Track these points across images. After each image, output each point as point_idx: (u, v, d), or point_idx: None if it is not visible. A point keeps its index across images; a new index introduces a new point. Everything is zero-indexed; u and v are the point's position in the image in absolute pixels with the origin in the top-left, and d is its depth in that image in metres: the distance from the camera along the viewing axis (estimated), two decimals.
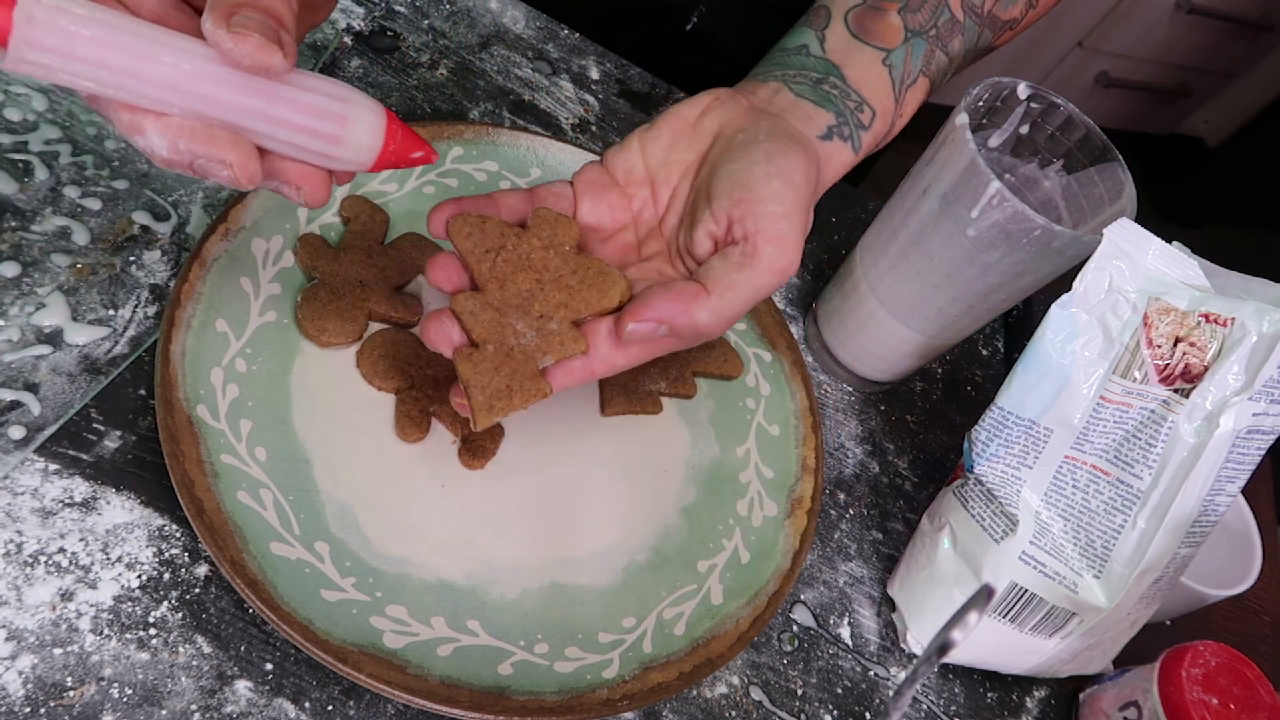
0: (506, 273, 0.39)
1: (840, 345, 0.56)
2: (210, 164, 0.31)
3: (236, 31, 0.28)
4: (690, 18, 0.70)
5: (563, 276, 0.39)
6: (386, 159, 0.34)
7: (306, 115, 0.32)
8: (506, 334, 0.38)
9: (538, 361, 0.38)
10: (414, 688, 0.37)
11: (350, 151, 0.33)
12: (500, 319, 0.38)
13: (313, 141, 0.32)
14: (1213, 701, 0.45)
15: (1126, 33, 1.88)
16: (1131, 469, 0.42)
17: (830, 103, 0.43)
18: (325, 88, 0.32)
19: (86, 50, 0.28)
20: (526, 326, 0.38)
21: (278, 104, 0.31)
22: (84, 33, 0.28)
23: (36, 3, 0.28)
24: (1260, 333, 0.40)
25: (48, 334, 0.41)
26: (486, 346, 0.37)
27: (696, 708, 0.44)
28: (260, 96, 0.31)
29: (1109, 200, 0.48)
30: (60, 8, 0.28)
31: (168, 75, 0.29)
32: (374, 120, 0.33)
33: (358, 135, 0.33)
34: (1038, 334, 0.43)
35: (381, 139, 0.33)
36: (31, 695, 0.34)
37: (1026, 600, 0.44)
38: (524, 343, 0.38)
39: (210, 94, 0.30)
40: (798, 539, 0.48)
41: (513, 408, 0.37)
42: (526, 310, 0.38)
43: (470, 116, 0.58)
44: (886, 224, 0.52)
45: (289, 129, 0.32)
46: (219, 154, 0.30)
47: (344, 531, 0.40)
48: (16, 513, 0.37)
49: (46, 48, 0.28)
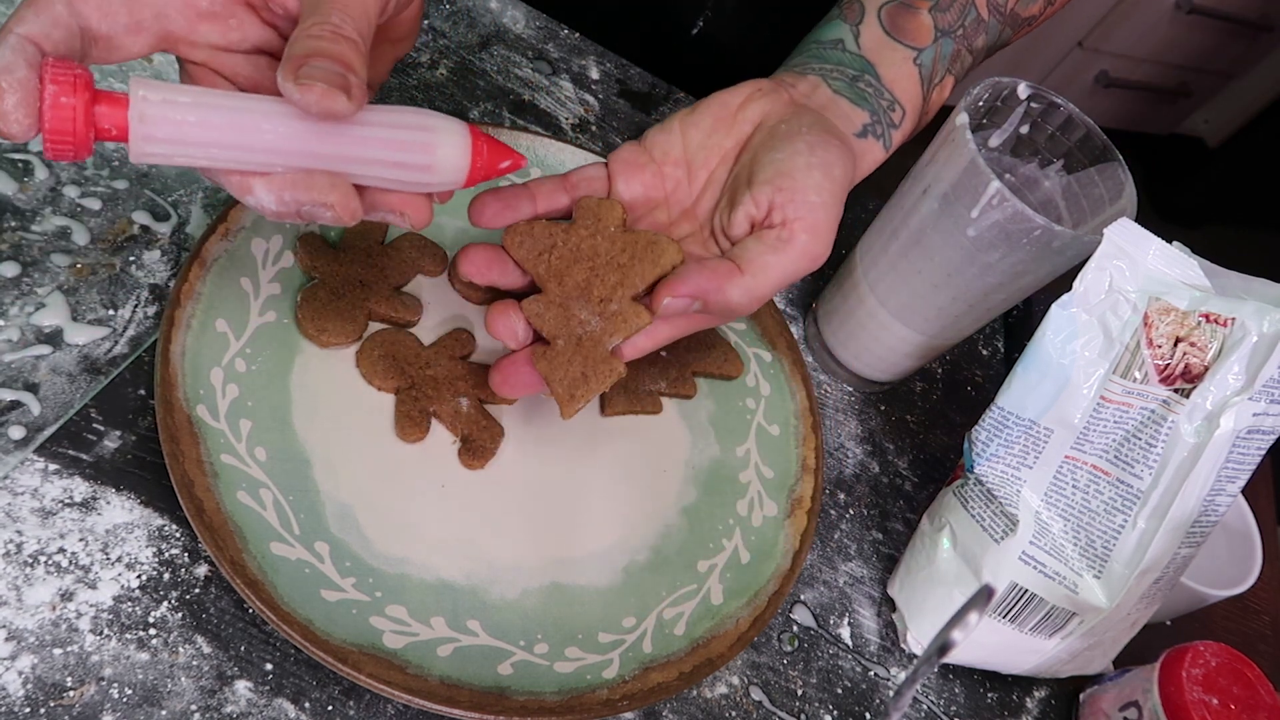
0: (562, 268, 0.41)
1: (840, 345, 0.56)
2: (315, 209, 0.33)
3: (303, 83, 0.30)
4: (696, 21, 0.70)
5: (614, 257, 0.41)
6: (477, 174, 0.36)
7: (396, 151, 0.34)
8: (573, 325, 0.40)
9: (606, 344, 0.40)
10: (414, 688, 0.37)
11: (442, 176, 0.35)
12: (564, 313, 0.40)
13: (406, 174, 0.34)
14: (1213, 702, 0.45)
15: (1126, 33, 1.88)
16: (1132, 469, 0.42)
17: (865, 101, 0.45)
18: (409, 119, 0.34)
19: (195, 134, 0.31)
20: (590, 314, 0.40)
21: (366, 146, 0.33)
22: (190, 119, 0.31)
23: (147, 100, 0.30)
24: (1260, 333, 0.40)
25: (47, 334, 0.41)
26: (558, 341, 0.40)
27: (696, 708, 0.44)
28: (349, 143, 0.33)
29: (1109, 200, 0.48)
30: (167, 100, 0.31)
31: (268, 141, 0.32)
32: (460, 142, 0.35)
33: (446, 160, 0.35)
34: (1038, 334, 0.43)
35: (469, 158, 0.35)
36: (31, 695, 0.34)
37: (1026, 600, 0.44)
38: (590, 329, 0.40)
39: (306, 149, 0.32)
40: (798, 539, 0.48)
41: (592, 392, 0.39)
42: (587, 298, 0.40)
43: (470, 116, 0.58)
44: (886, 224, 0.52)
45: (382, 166, 0.34)
46: (321, 199, 0.33)
47: (344, 531, 0.40)
48: (16, 513, 0.37)
49: (160, 139, 0.31)
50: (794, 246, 0.39)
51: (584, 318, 0.40)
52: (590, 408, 0.48)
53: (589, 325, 0.40)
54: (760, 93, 0.43)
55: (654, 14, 0.70)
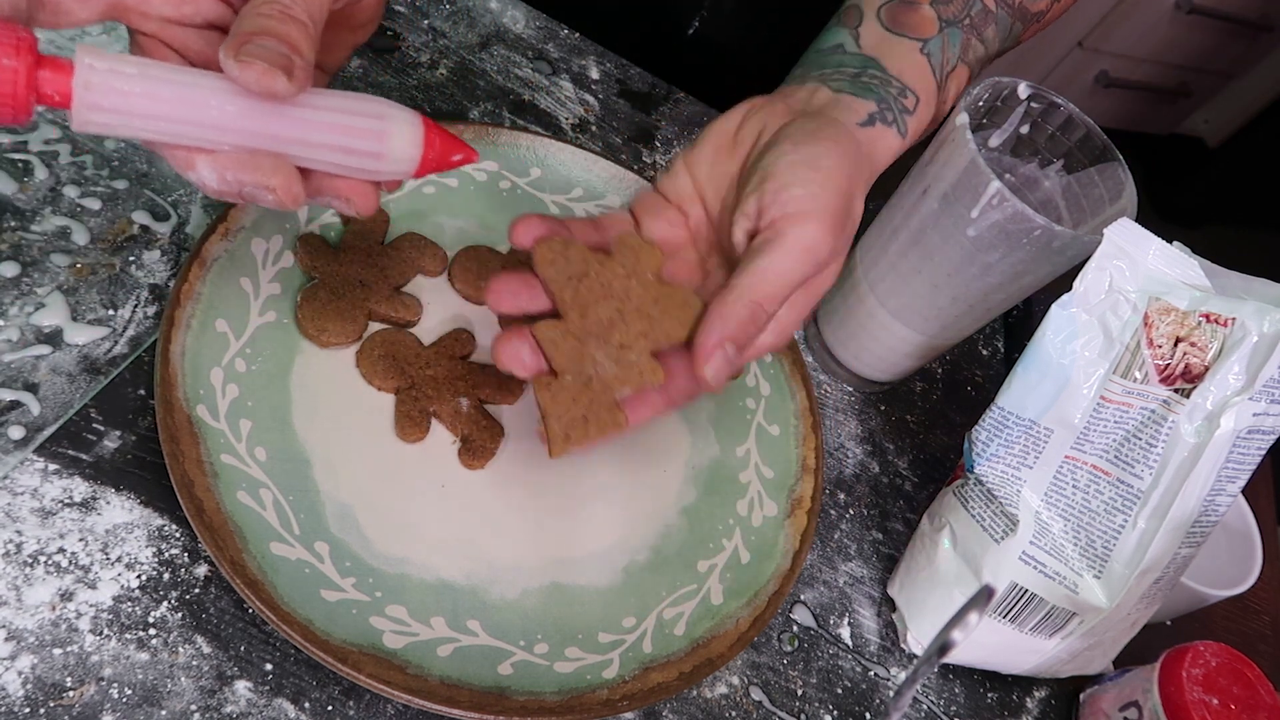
0: (589, 300, 0.39)
1: (840, 345, 0.56)
2: (256, 190, 0.33)
3: (242, 60, 0.30)
4: (692, 21, 0.70)
5: (644, 305, 0.39)
6: (428, 165, 0.35)
7: (346, 136, 0.33)
8: (585, 363, 0.38)
9: (615, 392, 0.38)
10: (414, 688, 0.37)
11: (392, 165, 0.35)
12: (580, 348, 0.38)
13: (356, 160, 0.34)
14: (1213, 702, 0.45)
15: (1126, 33, 1.88)
16: (1132, 469, 0.42)
17: (870, 91, 0.43)
18: (362, 107, 0.34)
19: (140, 106, 0.31)
20: (606, 356, 0.38)
21: (316, 130, 0.33)
22: (135, 90, 0.30)
23: (93, 69, 0.30)
24: (1261, 333, 0.40)
25: (47, 334, 0.41)
26: (565, 376, 0.38)
27: (696, 708, 0.44)
28: (297, 125, 0.33)
29: (1109, 200, 0.48)
30: (114, 70, 0.30)
31: (213, 118, 0.31)
32: (412, 133, 0.35)
33: (397, 149, 0.34)
34: (1038, 334, 0.43)
35: (420, 149, 0.35)
36: (31, 695, 0.34)
37: (1027, 600, 0.44)
38: (602, 373, 0.38)
39: (252, 129, 0.32)
40: (798, 539, 0.48)
41: (588, 439, 0.37)
42: (607, 339, 0.38)
43: (470, 116, 0.58)
44: (886, 224, 0.52)
45: (331, 151, 0.34)
46: (264, 180, 0.32)
47: (344, 531, 0.40)
48: (16, 513, 0.37)
49: (105, 109, 0.30)
50: (783, 243, 0.37)
51: (599, 359, 0.38)
52: None
53: (602, 368, 0.38)
54: (755, 109, 0.42)
55: (650, 14, 0.70)
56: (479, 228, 0.51)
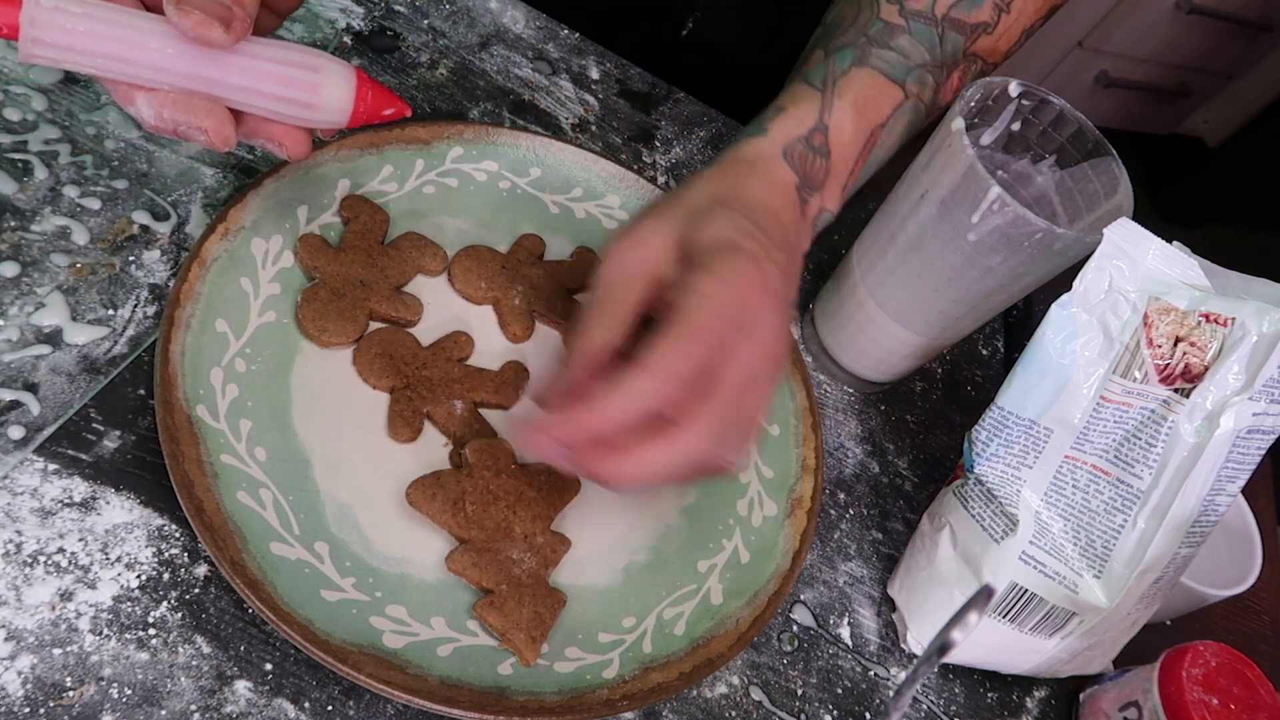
0: (479, 513, 0.42)
1: (840, 348, 0.56)
2: (190, 130, 0.35)
3: (182, 8, 0.32)
4: (687, 21, 0.70)
5: (524, 492, 0.43)
6: (359, 117, 0.38)
7: (281, 85, 0.36)
8: (510, 569, 0.41)
9: (546, 580, 0.42)
10: (414, 688, 0.37)
11: (325, 114, 0.37)
12: (496, 558, 0.41)
13: (290, 108, 0.36)
14: (1213, 702, 0.45)
15: (1126, 33, 1.88)
16: (1132, 469, 0.42)
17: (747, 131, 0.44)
18: (298, 58, 0.36)
19: (83, 43, 0.33)
20: (520, 552, 0.42)
21: (250, 77, 0.35)
22: (79, 28, 0.32)
23: (38, 4, 0.32)
24: (1260, 332, 0.40)
25: (47, 334, 0.41)
26: (500, 588, 0.40)
27: (696, 708, 0.44)
28: (233, 71, 0.35)
29: (1104, 195, 0.48)
30: (59, 8, 0.32)
31: (153, 59, 0.34)
32: (345, 84, 0.37)
33: (330, 99, 0.37)
34: (1038, 334, 0.43)
35: (353, 100, 0.37)
36: (31, 695, 0.34)
37: (1026, 600, 0.44)
38: (526, 570, 0.41)
39: (189, 71, 0.34)
40: (798, 539, 0.48)
41: (549, 628, 0.40)
42: (512, 537, 0.42)
43: (470, 116, 0.58)
44: (884, 228, 0.52)
45: (266, 98, 0.36)
46: (196, 121, 0.35)
47: (344, 531, 0.40)
48: (16, 513, 0.37)
49: (49, 44, 0.32)
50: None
51: (516, 557, 0.41)
52: None
53: (524, 565, 0.41)
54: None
55: (645, 14, 0.70)
56: (479, 227, 0.51)
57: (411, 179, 0.51)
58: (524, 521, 0.42)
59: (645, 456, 0.34)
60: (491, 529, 0.41)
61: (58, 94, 0.47)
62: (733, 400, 0.35)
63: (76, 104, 0.47)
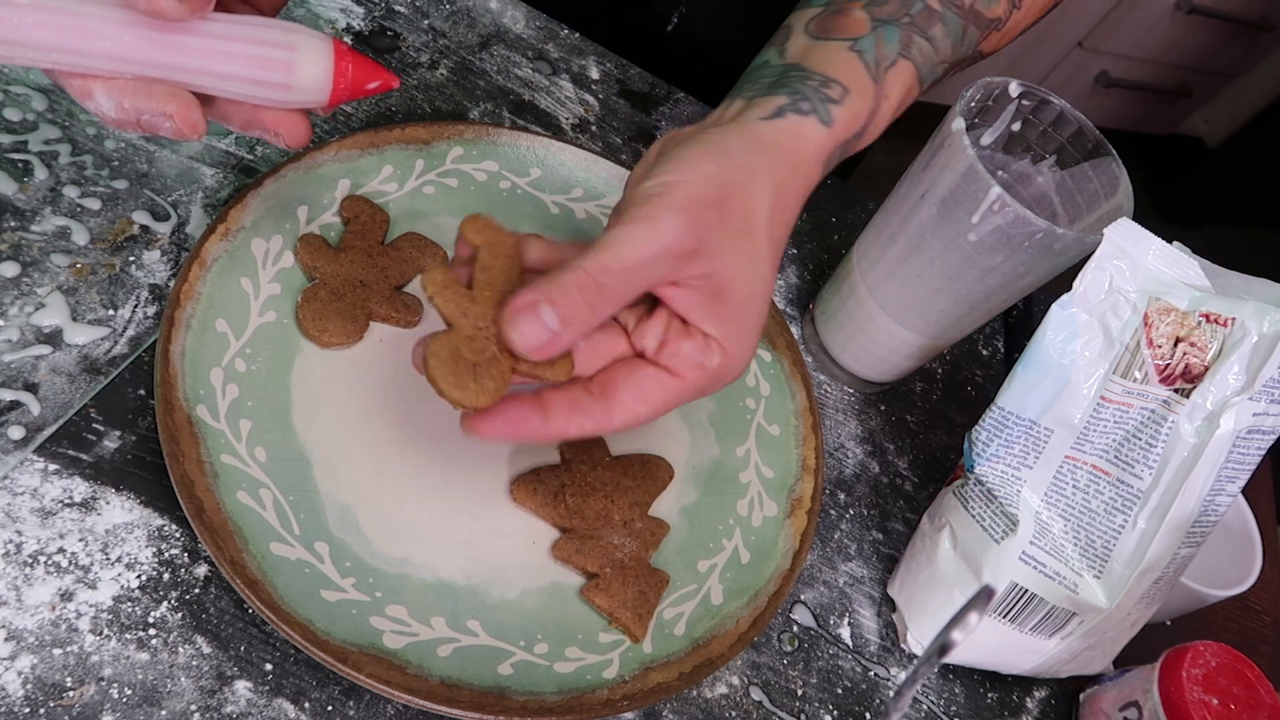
0: (579, 504, 0.44)
1: (840, 348, 0.56)
2: (154, 118, 0.32)
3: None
4: (672, 16, 0.70)
5: (620, 482, 0.45)
6: (341, 94, 0.35)
7: (252, 67, 0.33)
8: (612, 553, 0.43)
9: (648, 562, 0.44)
10: (414, 688, 0.37)
11: (302, 95, 0.34)
12: (598, 544, 0.43)
13: (263, 90, 0.33)
14: (1213, 702, 0.45)
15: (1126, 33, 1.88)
16: (1132, 469, 0.42)
17: (782, 87, 0.41)
18: (269, 35, 0.33)
19: (34, 36, 0.30)
20: (622, 538, 0.43)
21: (216, 60, 0.32)
22: (29, 20, 0.30)
23: None
24: (1261, 333, 0.40)
25: (47, 334, 0.41)
26: (605, 571, 0.42)
27: (696, 708, 0.44)
28: (197, 55, 0.32)
29: (1105, 195, 0.48)
30: (6, 1, 0.30)
31: (109, 48, 0.31)
32: (322, 60, 0.34)
33: (306, 78, 0.34)
34: (1038, 334, 0.43)
35: (332, 77, 0.34)
36: (31, 695, 0.34)
37: (1027, 600, 0.44)
38: (628, 553, 0.43)
39: (149, 58, 0.32)
40: (798, 539, 0.48)
41: (654, 606, 0.42)
42: (612, 524, 0.44)
43: (470, 116, 0.58)
44: (884, 228, 0.52)
45: (235, 81, 0.33)
46: (159, 107, 0.32)
47: (344, 531, 0.40)
48: (16, 513, 0.37)
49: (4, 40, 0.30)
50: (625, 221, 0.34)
51: (618, 543, 0.43)
52: None
53: (625, 549, 0.43)
54: (669, 139, 0.39)
55: (631, 9, 0.70)
56: None
57: (411, 179, 0.51)
58: (623, 509, 0.44)
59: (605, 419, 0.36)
60: (592, 518, 0.43)
61: (58, 94, 0.47)
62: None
63: (76, 104, 0.47)
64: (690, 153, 0.36)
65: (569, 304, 0.34)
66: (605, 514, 0.44)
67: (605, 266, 0.34)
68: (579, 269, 0.34)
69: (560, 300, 0.34)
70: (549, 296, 0.34)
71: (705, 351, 0.37)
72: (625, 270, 0.34)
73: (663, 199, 0.35)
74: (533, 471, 0.44)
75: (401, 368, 0.45)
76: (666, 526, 0.45)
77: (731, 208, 0.36)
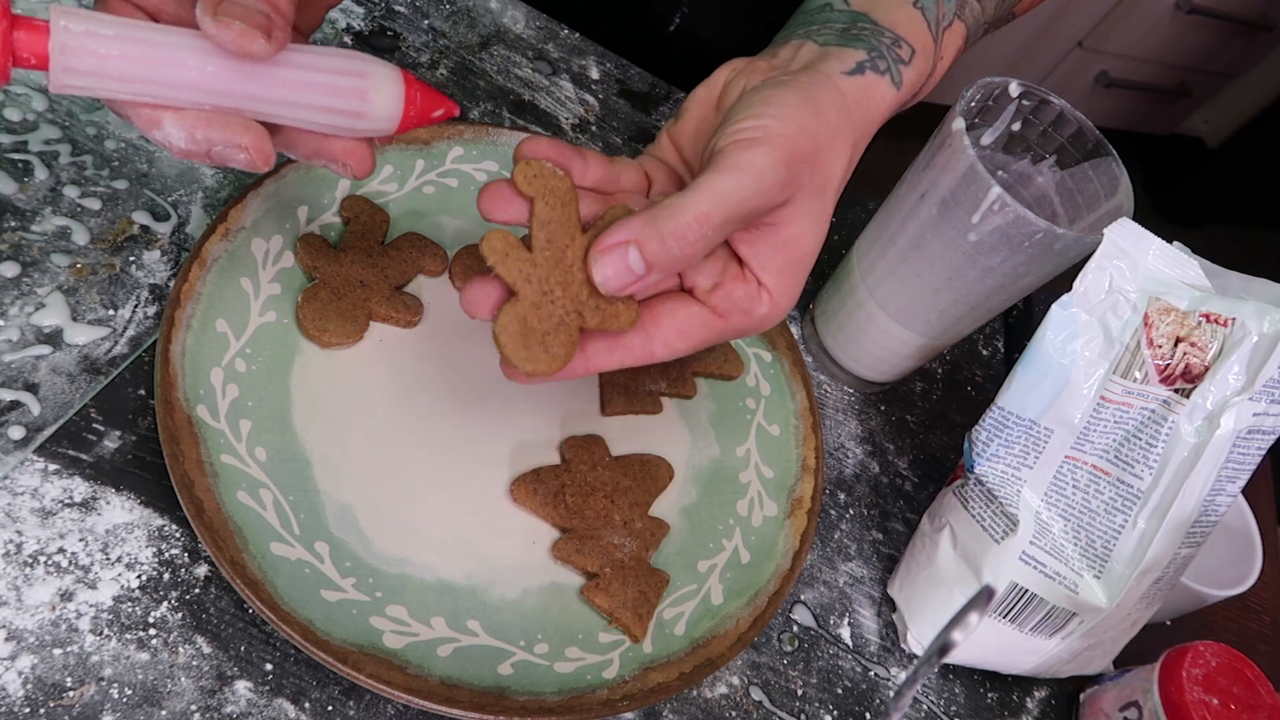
0: (579, 504, 0.44)
1: (840, 348, 0.56)
2: (227, 149, 0.32)
3: (220, 20, 0.29)
4: (674, 17, 0.70)
5: (620, 482, 0.45)
6: (410, 122, 0.35)
7: (328, 95, 0.33)
8: (612, 553, 0.43)
9: (648, 562, 0.44)
10: (414, 688, 0.37)
11: (374, 123, 0.34)
12: (599, 544, 0.43)
13: (337, 119, 0.34)
14: (1213, 702, 0.45)
15: (1126, 33, 1.88)
16: (1132, 469, 0.42)
17: (860, 41, 0.40)
18: (343, 64, 0.33)
19: (117, 67, 0.30)
20: (622, 538, 0.44)
21: (296, 89, 0.33)
22: (113, 52, 0.30)
23: (69, 31, 0.29)
24: (1261, 333, 0.40)
25: (47, 334, 0.41)
26: (605, 571, 0.43)
27: (696, 708, 0.44)
28: (277, 85, 0.32)
29: (1105, 195, 0.48)
30: (90, 31, 0.30)
31: (192, 79, 0.31)
32: (394, 89, 0.34)
33: (379, 107, 0.34)
34: (1038, 334, 0.43)
35: (402, 105, 0.35)
36: (31, 695, 0.34)
37: (1027, 600, 0.44)
38: (628, 553, 0.43)
39: (231, 89, 0.32)
40: (798, 539, 0.48)
41: (654, 606, 0.43)
42: (612, 524, 0.44)
43: (470, 116, 0.58)
44: (884, 228, 0.52)
45: (312, 110, 0.33)
46: (235, 139, 0.32)
47: (344, 531, 0.40)
48: (16, 513, 0.37)
49: (82, 71, 0.30)
50: (722, 163, 0.34)
51: (618, 542, 0.43)
52: (591, 408, 0.48)
53: (624, 550, 0.43)
54: (736, 71, 0.40)
55: (632, 9, 0.70)
56: (479, 227, 0.51)
57: (411, 179, 0.51)
58: (623, 509, 0.44)
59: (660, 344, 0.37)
60: (592, 518, 0.44)
61: (58, 94, 0.47)
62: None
63: (76, 104, 0.47)
64: (785, 98, 0.36)
65: (659, 250, 0.33)
66: (605, 514, 0.44)
67: (706, 216, 0.33)
68: (677, 215, 0.33)
69: (649, 245, 0.33)
70: (639, 239, 0.33)
71: (755, 299, 0.37)
72: (725, 220, 0.34)
73: (766, 147, 0.34)
74: (533, 472, 0.45)
75: (402, 368, 0.45)
76: (666, 526, 0.45)
77: (817, 165, 0.36)
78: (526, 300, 0.34)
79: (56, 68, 0.30)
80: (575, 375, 0.36)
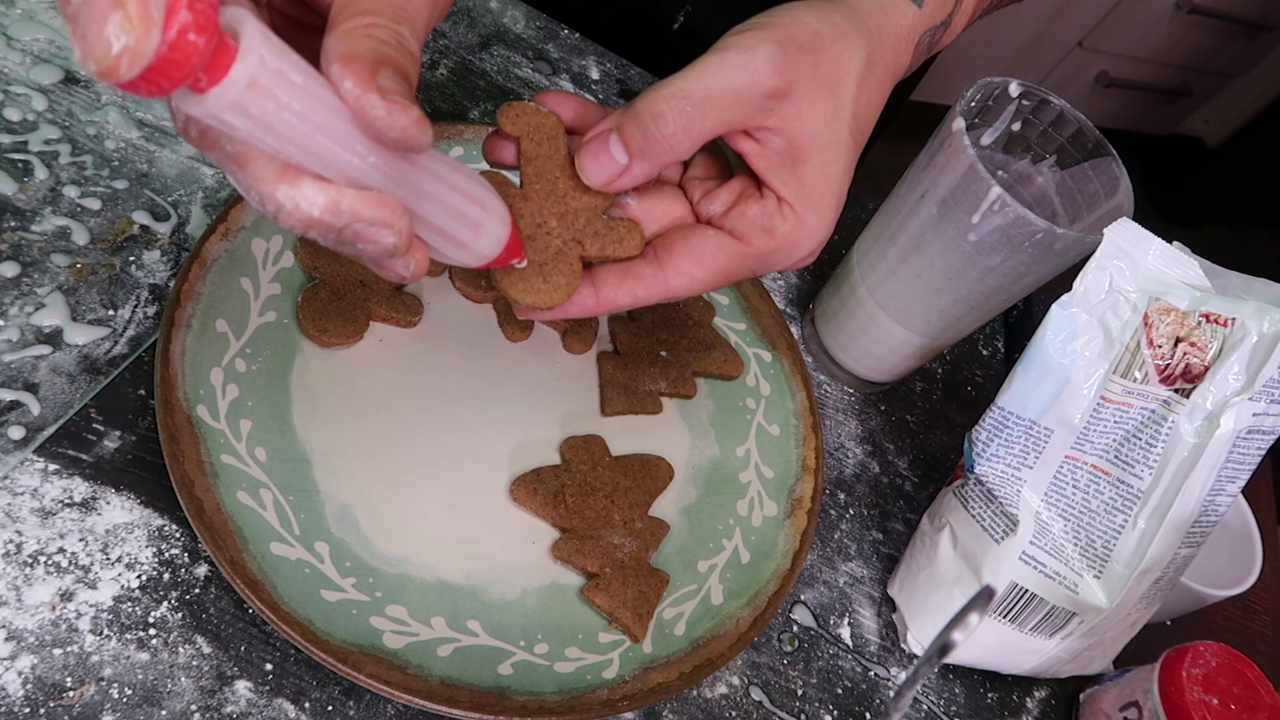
0: (579, 504, 0.44)
1: (840, 348, 0.56)
2: (374, 229, 0.27)
3: (392, 101, 0.25)
4: (677, 16, 0.70)
5: (620, 482, 0.45)
6: (492, 264, 0.33)
7: (449, 216, 0.30)
8: (612, 553, 0.43)
9: (648, 562, 0.44)
10: (414, 688, 0.37)
11: (467, 256, 0.32)
12: (598, 544, 0.43)
13: (440, 239, 0.30)
14: (1213, 702, 0.45)
15: (1126, 33, 1.88)
16: (1132, 469, 0.42)
17: None
18: (468, 186, 0.31)
19: (283, 127, 0.24)
20: (621, 537, 0.44)
21: (426, 198, 0.29)
22: (294, 106, 0.24)
23: (262, 63, 0.23)
24: (1261, 333, 0.40)
25: (47, 334, 0.41)
26: (605, 571, 0.42)
27: (696, 708, 0.44)
28: (427, 178, 0.29)
29: (1105, 195, 0.48)
30: (281, 71, 0.23)
31: (355, 161, 0.26)
32: (501, 231, 0.32)
33: (483, 244, 0.31)
34: (1038, 334, 0.43)
35: (500, 250, 0.32)
36: (31, 695, 0.34)
37: (1027, 600, 0.44)
38: (628, 553, 0.43)
39: (393, 172, 0.27)
40: (798, 539, 0.48)
41: (654, 606, 0.42)
42: (612, 524, 0.44)
43: (470, 116, 0.58)
44: (884, 228, 0.52)
45: (439, 217, 0.30)
46: (387, 219, 0.27)
47: (344, 531, 0.40)
48: (16, 513, 0.37)
49: (251, 115, 0.23)
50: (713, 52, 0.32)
51: (618, 542, 0.43)
52: (590, 408, 0.48)
53: (626, 548, 0.43)
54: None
55: (636, 9, 0.70)
56: None
57: None
58: (623, 509, 0.44)
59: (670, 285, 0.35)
60: (592, 518, 0.44)
61: (58, 94, 0.47)
62: None
63: (77, 104, 0.47)
64: (787, 6, 0.34)
65: (637, 133, 0.31)
66: (605, 514, 0.44)
67: (685, 92, 0.31)
68: (654, 94, 0.31)
69: (628, 128, 0.31)
70: (619, 124, 0.32)
71: (774, 215, 0.34)
72: (706, 98, 0.31)
73: (758, 32, 0.32)
74: (533, 472, 0.45)
75: (402, 368, 0.45)
76: (666, 526, 0.45)
77: (822, 58, 0.34)
78: (521, 235, 0.33)
79: (221, 101, 0.22)
80: (588, 311, 0.35)
